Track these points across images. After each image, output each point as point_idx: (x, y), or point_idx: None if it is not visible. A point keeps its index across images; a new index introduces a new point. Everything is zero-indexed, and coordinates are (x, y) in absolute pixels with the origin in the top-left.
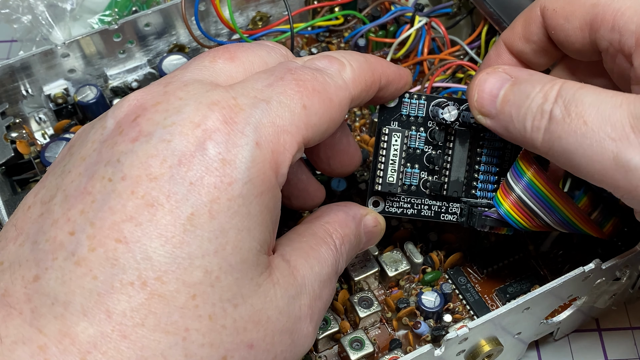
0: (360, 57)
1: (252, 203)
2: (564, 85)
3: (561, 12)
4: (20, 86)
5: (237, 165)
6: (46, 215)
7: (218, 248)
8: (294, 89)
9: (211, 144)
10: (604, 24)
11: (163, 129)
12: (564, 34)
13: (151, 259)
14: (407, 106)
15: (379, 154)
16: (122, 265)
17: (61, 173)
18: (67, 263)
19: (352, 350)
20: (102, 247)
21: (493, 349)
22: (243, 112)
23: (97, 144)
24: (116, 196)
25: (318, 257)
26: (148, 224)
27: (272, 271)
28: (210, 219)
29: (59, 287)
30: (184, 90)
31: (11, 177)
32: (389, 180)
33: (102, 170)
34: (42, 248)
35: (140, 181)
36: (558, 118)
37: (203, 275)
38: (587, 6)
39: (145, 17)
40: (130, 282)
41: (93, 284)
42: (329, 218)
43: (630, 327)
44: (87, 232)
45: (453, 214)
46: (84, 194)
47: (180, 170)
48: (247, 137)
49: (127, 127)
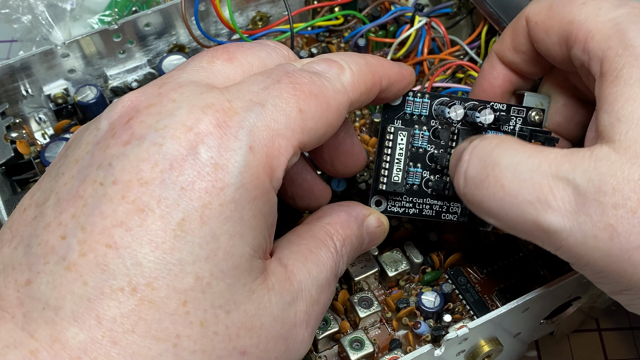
0: (360, 60)
1: (245, 208)
2: (479, 145)
3: (542, 25)
4: (20, 86)
5: (229, 169)
6: (39, 218)
7: (209, 254)
8: (290, 92)
9: (203, 148)
10: (577, 44)
11: (155, 132)
12: (544, 47)
13: (141, 265)
14: (411, 105)
15: (384, 152)
16: (112, 270)
17: (56, 175)
18: (58, 267)
19: (352, 350)
20: (93, 252)
21: (493, 349)
22: (237, 116)
23: (91, 146)
24: (107, 201)
25: (317, 260)
26: (138, 230)
27: (267, 276)
28: (201, 224)
29: (50, 291)
30: (178, 92)
31: (11, 177)
32: (394, 180)
33: (94, 173)
34: (35, 252)
35: (131, 186)
36: (475, 181)
37: (194, 281)
38: (564, 22)
39: (145, 17)
40: (120, 288)
41: (83, 289)
42: (330, 219)
43: (630, 327)
44: (78, 236)
45: (454, 214)
46: (76, 197)
47: (171, 175)
48: (241, 141)
49: (119, 130)
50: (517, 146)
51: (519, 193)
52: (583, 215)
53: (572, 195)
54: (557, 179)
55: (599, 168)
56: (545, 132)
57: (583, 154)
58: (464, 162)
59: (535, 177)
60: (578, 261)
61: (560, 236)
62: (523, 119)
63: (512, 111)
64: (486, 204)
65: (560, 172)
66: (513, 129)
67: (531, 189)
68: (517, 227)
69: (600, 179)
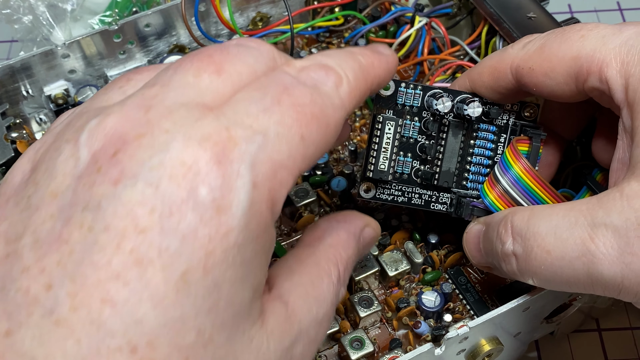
0: (355, 65)
1: (247, 249)
2: (514, 221)
3: (539, 69)
4: (21, 87)
5: (232, 211)
6: (14, 258)
7: (212, 306)
8: (292, 116)
9: (204, 190)
10: (591, 76)
11: (149, 172)
12: (547, 89)
13: (142, 323)
14: (403, 95)
15: (372, 141)
16: (109, 329)
17: (27, 207)
18: (44, 321)
19: (352, 350)
20: (86, 308)
21: (493, 349)
22: (238, 148)
23: (70, 178)
24: (99, 250)
25: (318, 296)
26: (137, 284)
27: (266, 319)
28: (204, 275)
29: (37, 348)
30: (170, 119)
31: None
32: (380, 168)
33: (80, 215)
34: (13, 299)
35: (126, 234)
36: (522, 256)
37: (196, 336)
38: (567, 60)
39: (146, 17)
40: (118, 348)
41: (76, 348)
42: (331, 239)
43: (630, 327)
44: (67, 288)
45: (443, 204)
46: (59, 242)
47: (171, 222)
48: (244, 178)
49: (106, 164)
50: (549, 210)
51: (565, 253)
52: (629, 255)
53: (614, 239)
54: (595, 228)
55: (634, 205)
56: (535, 128)
57: (613, 195)
58: (507, 244)
59: (576, 232)
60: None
61: (615, 282)
62: (517, 113)
63: (507, 105)
64: (540, 273)
65: (596, 220)
66: (506, 123)
67: (574, 245)
68: (574, 286)
69: (637, 215)
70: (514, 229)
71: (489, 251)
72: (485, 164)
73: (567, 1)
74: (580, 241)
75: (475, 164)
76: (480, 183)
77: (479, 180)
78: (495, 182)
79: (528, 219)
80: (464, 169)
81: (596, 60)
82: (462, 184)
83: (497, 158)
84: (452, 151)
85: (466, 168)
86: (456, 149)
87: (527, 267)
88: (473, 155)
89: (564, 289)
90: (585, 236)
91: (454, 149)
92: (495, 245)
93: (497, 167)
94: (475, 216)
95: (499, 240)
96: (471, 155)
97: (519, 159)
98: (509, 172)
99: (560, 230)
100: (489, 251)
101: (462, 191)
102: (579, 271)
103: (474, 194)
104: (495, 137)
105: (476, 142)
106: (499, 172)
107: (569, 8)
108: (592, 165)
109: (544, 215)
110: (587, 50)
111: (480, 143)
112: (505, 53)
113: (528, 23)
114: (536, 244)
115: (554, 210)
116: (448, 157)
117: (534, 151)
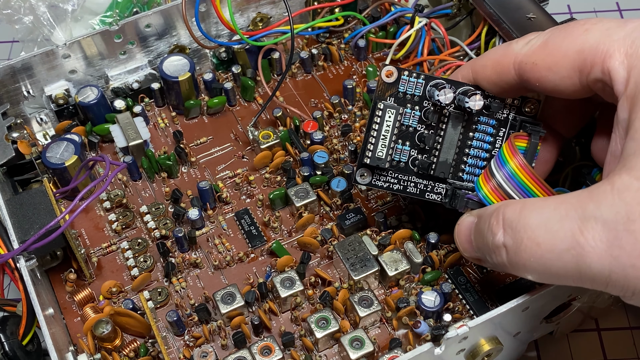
0: None
1: None
2: (506, 213)
3: (542, 64)
4: (22, 87)
5: None
6: None
7: None
8: None
9: None
10: (595, 67)
11: None
12: (550, 84)
13: None
14: (405, 84)
15: (372, 128)
16: None
17: None
18: None
19: (352, 350)
20: None
21: (493, 348)
22: None
23: None
24: None
25: None
26: None
27: None
28: None
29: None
30: None
31: (12, 178)
32: (378, 155)
33: None
34: None
35: None
36: (512, 248)
37: None
38: (571, 53)
39: (146, 18)
40: None
41: None
42: None
43: (630, 327)
44: None
45: (438, 194)
46: None
47: None
48: None
49: None
50: (540, 203)
51: (554, 245)
52: (617, 248)
53: (603, 232)
54: (585, 220)
55: (624, 198)
56: (534, 124)
57: (604, 188)
58: (498, 236)
59: (566, 225)
60: (625, 293)
61: (603, 275)
62: (517, 108)
63: (508, 100)
64: (529, 266)
65: (587, 213)
66: (506, 117)
67: (564, 237)
68: (562, 278)
69: (627, 208)
70: (505, 221)
71: (480, 243)
72: (482, 157)
73: (567, 2)
74: (570, 234)
75: (473, 156)
76: (476, 175)
77: (475, 173)
78: (490, 176)
79: (520, 211)
80: (461, 160)
81: (600, 51)
82: (458, 175)
83: (495, 152)
84: (450, 142)
85: (463, 160)
86: (455, 141)
87: (516, 259)
88: (471, 147)
89: (553, 281)
90: (575, 229)
91: (453, 140)
92: (486, 236)
93: (494, 162)
94: (469, 208)
95: (490, 232)
96: (469, 147)
97: (516, 156)
98: (505, 168)
99: (551, 223)
100: (480, 243)
101: (457, 182)
102: (567, 264)
103: (469, 186)
104: (495, 131)
105: (475, 135)
106: (495, 167)
107: (569, 9)
108: (591, 165)
109: (535, 207)
110: (591, 42)
111: (479, 136)
112: (509, 48)
113: (527, 24)
114: (526, 235)
115: (545, 203)
116: (446, 148)
117: (532, 148)
